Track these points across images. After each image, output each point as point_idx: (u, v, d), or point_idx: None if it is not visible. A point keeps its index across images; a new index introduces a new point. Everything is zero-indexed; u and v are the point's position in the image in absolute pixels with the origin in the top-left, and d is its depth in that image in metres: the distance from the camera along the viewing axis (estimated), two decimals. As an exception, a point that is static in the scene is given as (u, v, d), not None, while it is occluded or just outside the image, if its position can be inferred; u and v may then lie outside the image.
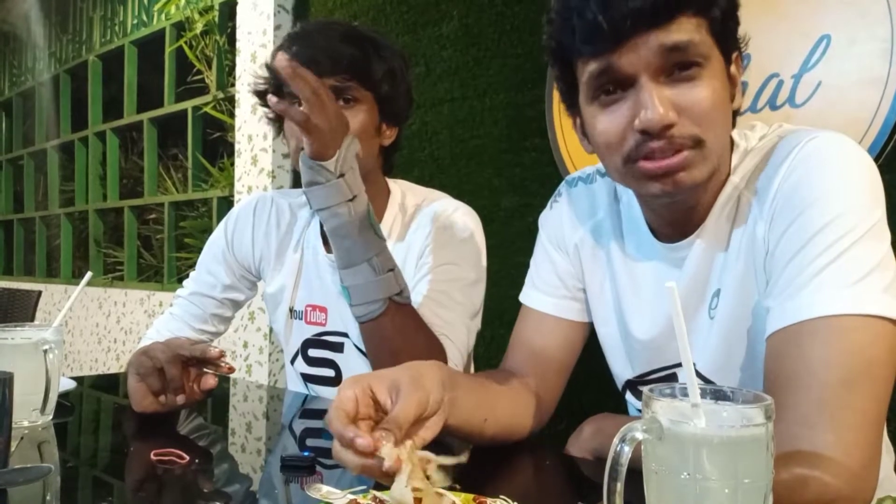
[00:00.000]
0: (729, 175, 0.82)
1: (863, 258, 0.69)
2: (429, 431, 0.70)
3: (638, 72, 0.73)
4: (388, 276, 1.04)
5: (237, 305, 1.38)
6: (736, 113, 0.81)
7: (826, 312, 0.68)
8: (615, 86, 0.75)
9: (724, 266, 0.81)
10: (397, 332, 1.05)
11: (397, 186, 1.32)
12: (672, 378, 0.89)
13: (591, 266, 0.97)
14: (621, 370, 0.97)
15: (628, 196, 0.93)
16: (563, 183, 1.04)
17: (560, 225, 1.00)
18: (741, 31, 0.80)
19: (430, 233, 1.23)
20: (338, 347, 1.28)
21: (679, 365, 0.86)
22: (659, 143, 0.73)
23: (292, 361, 1.33)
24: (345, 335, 1.26)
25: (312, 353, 1.30)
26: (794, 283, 0.71)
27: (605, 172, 0.86)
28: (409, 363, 0.75)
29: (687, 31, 0.72)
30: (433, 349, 1.09)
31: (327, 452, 0.90)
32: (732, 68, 0.79)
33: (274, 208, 1.33)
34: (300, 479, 0.78)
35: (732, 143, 0.83)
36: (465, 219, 1.25)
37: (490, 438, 0.87)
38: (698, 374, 0.84)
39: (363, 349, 1.23)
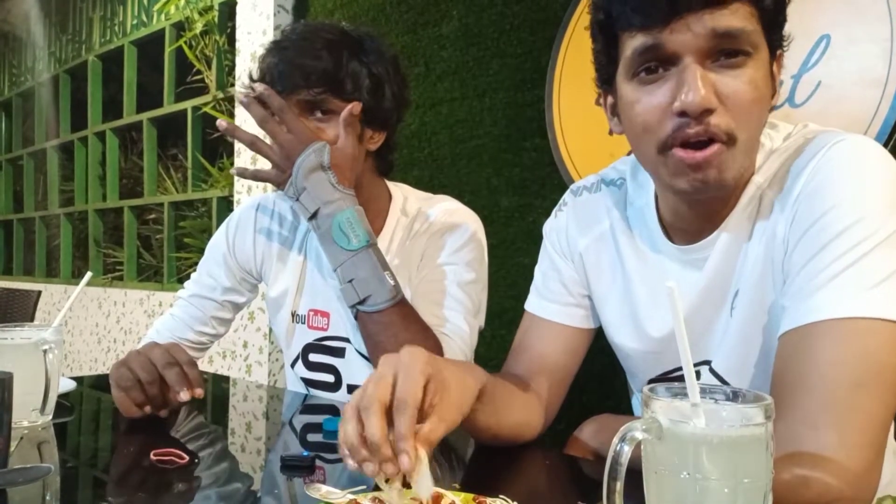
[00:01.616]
0: (752, 174, 0.81)
1: (880, 263, 0.69)
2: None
3: (684, 52, 0.72)
4: (346, 286, 1.09)
5: (237, 307, 1.37)
6: (770, 110, 0.80)
7: (839, 314, 0.68)
8: (658, 64, 0.74)
9: (744, 265, 0.81)
10: (384, 328, 1.08)
11: (399, 191, 1.31)
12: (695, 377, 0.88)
13: (597, 273, 0.97)
14: (640, 374, 0.96)
15: (641, 202, 0.93)
16: (567, 192, 1.04)
17: (565, 233, 1.00)
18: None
19: (432, 234, 1.23)
20: (339, 353, 1.28)
21: (702, 363, 0.86)
22: (696, 129, 0.72)
23: (292, 365, 1.33)
24: (346, 340, 1.26)
25: (313, 357, 1.30)
26: (810, 285, 0.71)
27: (636, 157, 0.84)
28: (460, 363, 0.74)
29: (741, 17, 0.72)
30: (430, 348, 1.09)
31: (327, 452, 0.90)
32: (774, 66, 0.78)
33: (276, 211, 1.33)
34: (300, 478, 0.78)
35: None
36: (465, 221, 1.25)
37: (493, 439, 0.87)
38: (713, 373, 0.84)
39: (365, 354, 1.23)
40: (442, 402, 0.66)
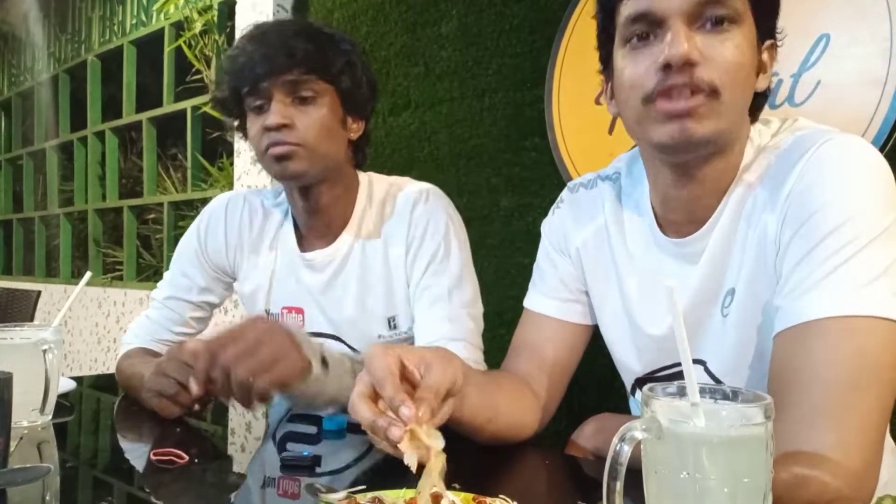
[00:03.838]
0: (740, 169, 0.82)
1: (873, 261, 0.69)
2: (443, 414, 0.71)
3: (671, 15, 0.75)
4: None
5: (213, 307, 1.37)
6: (764, 96, 0.82)
7: (834, 313, 0.68)
8: (648, 30, 0.77)
9: (739, 265, 0.81)
10: None
11: (365, 176, 1.31)
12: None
13: (594, 268, 0.97)
14: (631, 369, 0.96)
15: (637, 195, 0.93)
16: (565, 189, 1.04)
17: (562, 229, 1.01)
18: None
19: (410, 227, 1.21)
20: None
21: (695, 362, 0.86)
22: (678, 80, 0.74)
23: None
24: (324, 335, 1.25)
25: None
26: (804, 284, 0.71)
27: (624, 123, 0.85)
28: (435, 346, 0.75)
29: None
30: None
31: (327, 451, 0.90)
32: (765, 55, 0.80)
33: (246, 207, 1.31)
34: (300, 478, 0.78)
35: (748, 134, 0.83)
36: (439, 205, 1.24)
37: (491, 437, 0.87)
38: (709, 373, 0.84)
39: (346, 342, 1.23)
40: (431, 368, 0.69)
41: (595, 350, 1.02)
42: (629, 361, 0.96)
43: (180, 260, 1.34)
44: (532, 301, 1.02)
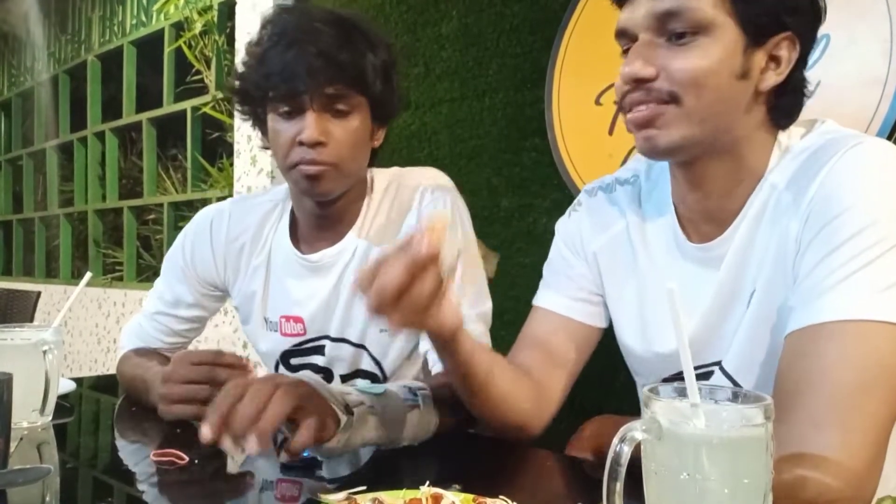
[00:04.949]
0: (766, 172, 0.81)
1: (891, 268, 0.69)
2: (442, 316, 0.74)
3: (638, 30, 0.78)
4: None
5: (203, 320, 1.35)
6: (789, 94, 0.81)
7: (849, 317, 0.68)
8: (630, 44, 0.79)
9: (758, 267, 0.81)
10: None
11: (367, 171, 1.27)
12: (707, 377, 0.86)
13: (613, 271, 0.96)
14: (648, 375, 0.95)
15: (657, 197, 0.92)
16: (582, 192, 1.03)
17: (578, 232, 1.00)
18: None
19: (418, 220, 1.18)
20: (319, 350, 1.25)
21: (714, 363, 0.85)
22: (634, 95, 0.77)
23: (275, 369, 1.31)
24: (325, 337, 1.24)
25: (294, 361, 1.28)
26: (820, 286, 0.71)
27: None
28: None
29: None
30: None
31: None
32: (782, 51, 0.79)
33: (232, 221, 1.27)
34: (300, 478, 0.78)
35: (775, 138, 0.83)
36: (446, 195, 1.21)
37: (490, 408, 0.86)
38: (724, 372, 0.84)
39: (346, 338, 1.21)
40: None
41: (596, 350, 1.01)
42: (645, 366, 0.94)
43: (167, 276, 1.31)
44: (541, 298, 1.01)
